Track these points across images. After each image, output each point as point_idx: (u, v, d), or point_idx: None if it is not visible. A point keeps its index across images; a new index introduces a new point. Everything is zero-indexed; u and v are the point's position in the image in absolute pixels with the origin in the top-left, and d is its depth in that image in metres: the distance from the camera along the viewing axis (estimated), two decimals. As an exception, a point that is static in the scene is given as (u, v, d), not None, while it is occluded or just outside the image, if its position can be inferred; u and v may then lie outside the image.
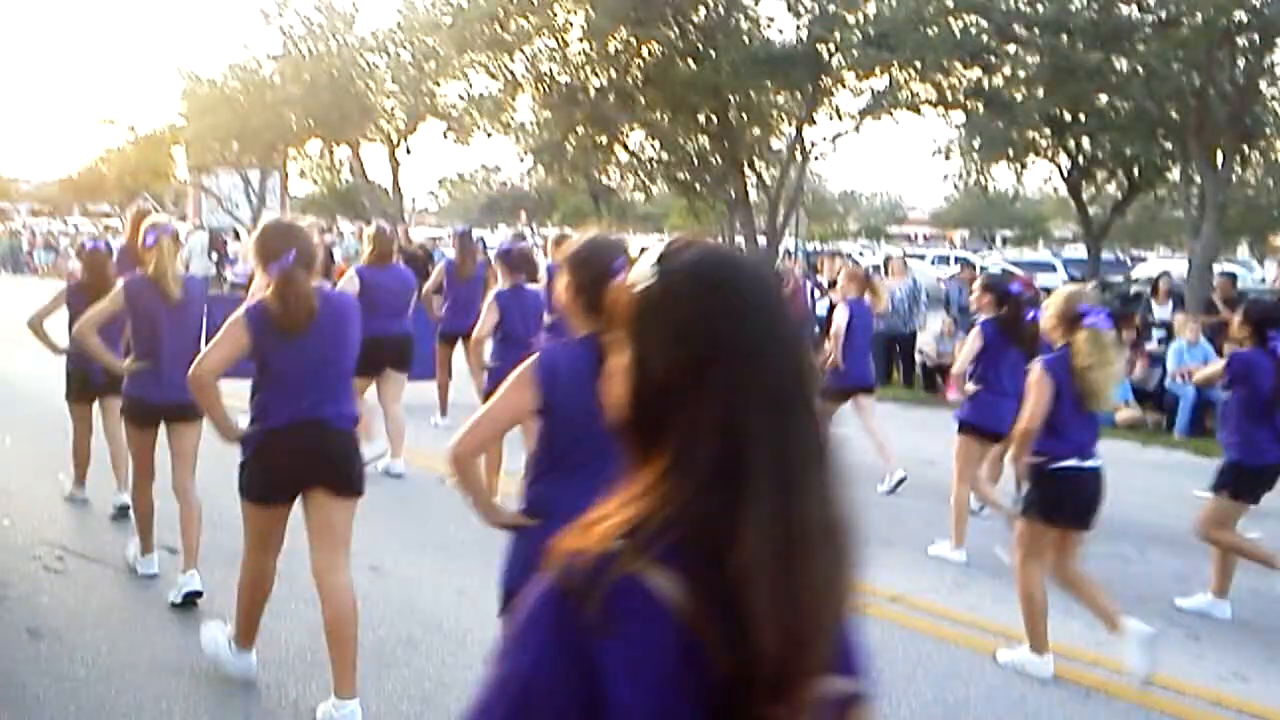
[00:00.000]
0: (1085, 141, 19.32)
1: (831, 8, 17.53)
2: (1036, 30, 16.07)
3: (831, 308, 9.78)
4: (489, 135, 33.29)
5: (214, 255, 26.63)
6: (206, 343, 4.54)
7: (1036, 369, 4.97)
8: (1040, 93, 16.72)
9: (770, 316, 1.23)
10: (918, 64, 16.97)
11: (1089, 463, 4.90)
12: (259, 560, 4.33)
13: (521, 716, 1.12)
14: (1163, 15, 14.84)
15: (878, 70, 18.13)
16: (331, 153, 39.95)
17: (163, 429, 5.57)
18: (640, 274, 1.24)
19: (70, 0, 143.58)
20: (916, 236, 70.13)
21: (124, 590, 5.67)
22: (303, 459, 4.09)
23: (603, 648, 1.09)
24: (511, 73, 22.18)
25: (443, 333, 9.73)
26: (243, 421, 4.24)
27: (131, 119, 40.24)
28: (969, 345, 6.79)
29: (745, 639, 1.10)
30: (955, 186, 25.15)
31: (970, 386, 6.68)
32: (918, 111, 19.44)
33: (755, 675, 1.11)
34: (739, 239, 21.39)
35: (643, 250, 1.33)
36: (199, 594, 5.33)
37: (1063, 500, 4.89)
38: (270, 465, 4.11)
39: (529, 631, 1.14)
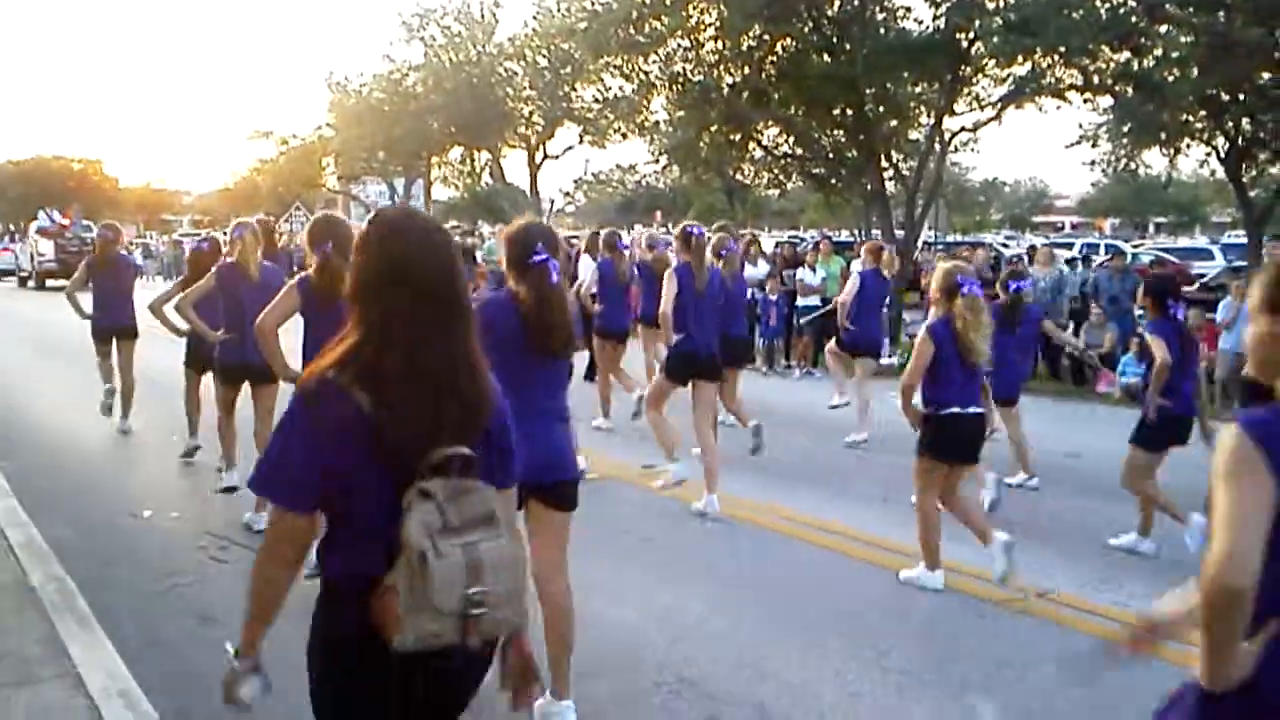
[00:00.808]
0: (1245, 122, 18.37)
1: (969, -6, 17.11)
2: (1190, 8, 15.39)
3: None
4: (624, 137, 33.65)
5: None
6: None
7: (920, 333, 5.94)
8: (1195, 73, 15.99)
9: (420, 254, 2.33)
10: (1062, 49, 16.42)
11: (970, 409, 5.85)
12: None
13: (281, 458, 2.27)
14: (1329, -15, 14.06)
15: (1020, 57, 17.61)
16: (472, 158, 40.95)
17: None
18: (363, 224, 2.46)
19: (224, 21, 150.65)
20: (1063, 225, 67.84)
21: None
22: None
23: (322, 418, 2.21)
24: (646, 74, 22.33)
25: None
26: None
27: (283, 131, 41.88)
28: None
29: (395, 422, 2.20)
30: (1103, 173, 24.23)
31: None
32: (1063, 98, 18.82)
33: (401, 443, 2.21)
34: (876, 233, 21.11)
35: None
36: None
37: (951, 441, 5.86)
38: None
39: (289, 417, 2.29)
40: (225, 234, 8.11)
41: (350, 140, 37.03)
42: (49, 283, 10.25)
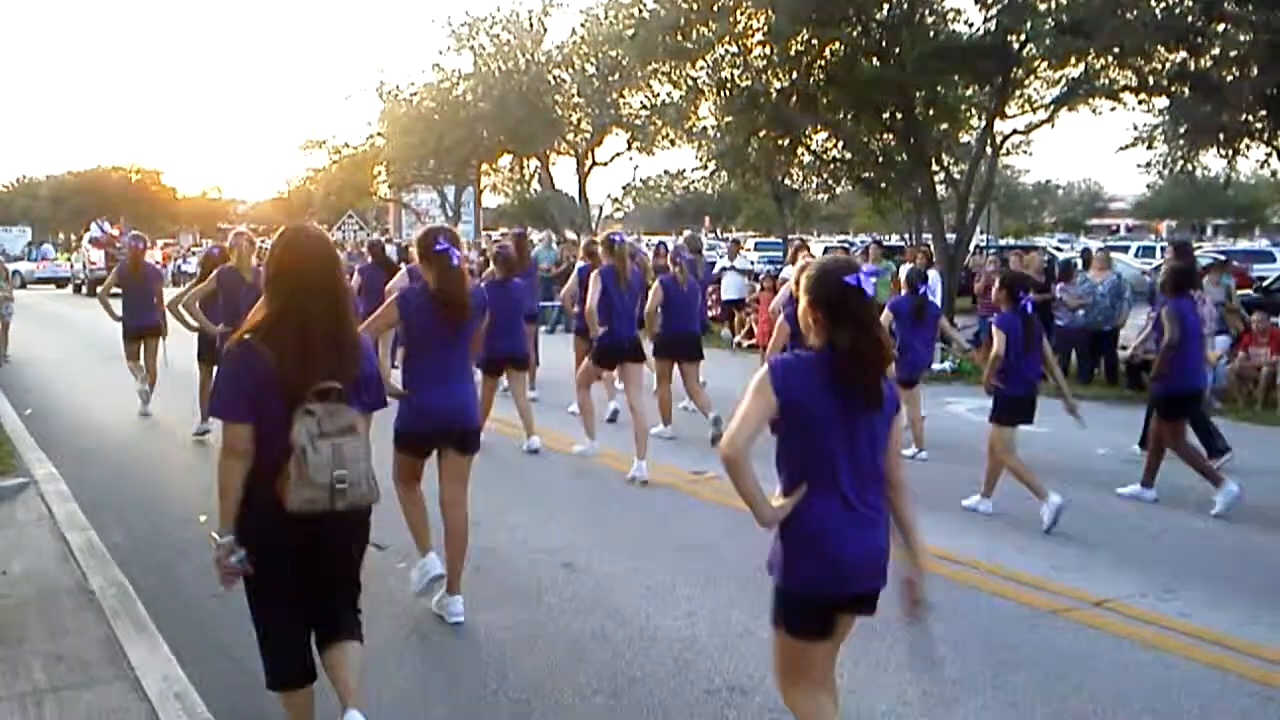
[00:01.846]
0: (1307, 121, 17.96)
1: (1021, -4, 16.90)
2: (1249, 6, 15.10)
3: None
4: (672, 143, 33.64)
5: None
6: None
7: (780, 318, 7.69)
8: (1254, 72, 15.67)
9: (305, 258, 3.53)
10: (1116, 49, 16.19)
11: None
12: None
13: (221, 392, 3.51)
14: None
15: (1072, 59, 17.38)
16: (522, 166, 41.13)
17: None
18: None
19: (279, 32, 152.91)
20: (1118, 228, 66.83)
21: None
22: None
23: (243, 366, 3.41)
24: (693, 80, 22.34)
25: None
26: None
27: (336, 141, 42.34)
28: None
29: (289, 370, 3.36)
30: (1159, 175, 23.81)
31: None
32: (1117, 99, 18.54)
33: (292, 382, 3.37)
34: (926, 236, 20.92)
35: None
36: None
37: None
38: None
39: (224, 365, 3.66)
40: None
41: (401, 149, 37.32)
42: (115, 290, 11.11)
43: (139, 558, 6.27)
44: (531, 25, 35.60)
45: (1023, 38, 17.44)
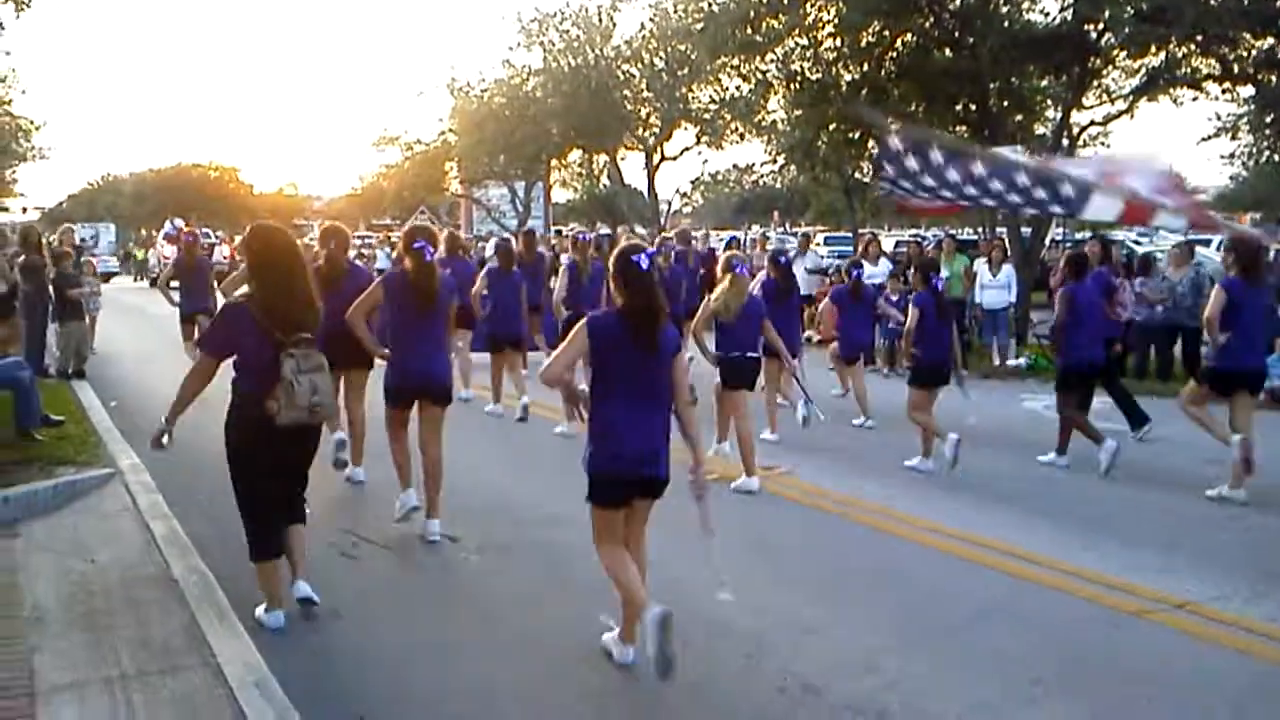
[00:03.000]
0: (1401, 109, 17.36)
1: (1099, -17, 16.50)
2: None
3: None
4: (742, 137, 33.49)
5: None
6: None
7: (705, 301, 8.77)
8: (1345, 59, 15.20)
9: (278, 247, 5.21)
10: (1199, 37, 15.76)
11: (749, 354, 8.44)
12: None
13: (212, 336, 5.46)
14: None
15: (1153, 47, 16.96)
16: (591, 161, 41.26)
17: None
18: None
19: (352, 31, 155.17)
20: (1200, 221, 64.88)
21: (408, 576, 6.15)
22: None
23: (234, 321, 5.12)
24: (763, 74, 22.20)
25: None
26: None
27: (408, 137, 42.78)
28: None
29: (271, 324, 4.95)
30: (1244, 166, 23.18)
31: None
32: (1200, 89, 18.06)
33: (275, 332, 4.94)
34: (1002, 230, 20.58)
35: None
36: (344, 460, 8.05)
37: (734, 375, 8.45)
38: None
39: (218, 318, 5.55)
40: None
41: (472, 145, 37.56)
42: (173, 283, 11.91)
43: (219, 547, 6.40)
44: (601, 20, 35.66)
45: (1101, 26, 17.07)
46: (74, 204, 76.71)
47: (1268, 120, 18.84)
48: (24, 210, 52.09)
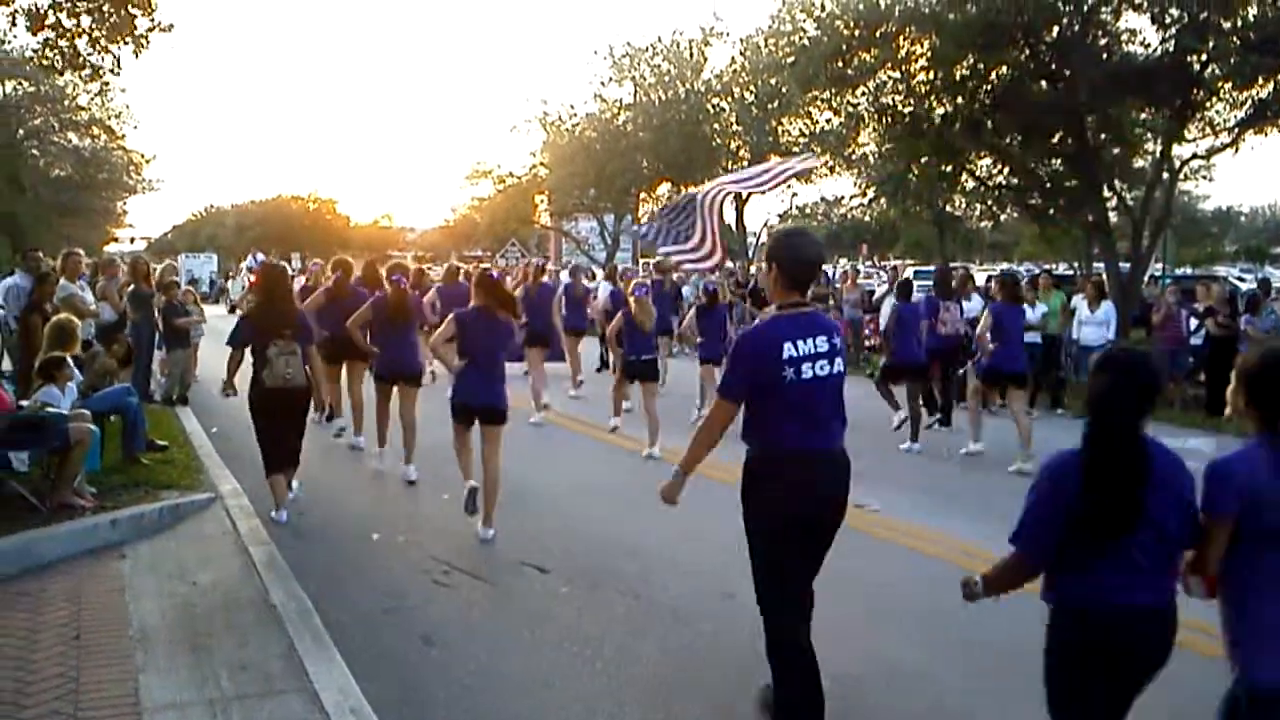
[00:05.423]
0: None
1: (1204, 15, 16.11)
2: None
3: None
4: (832, 170, 33.35)
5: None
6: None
7: (619, 315, 11.52)
8: None
9: (274, 277, 8.36)
10: (1310, 67, 15.30)
11: (645, 356, 11.05)
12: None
13: (235, 337, 7.96)
14: None
15: (1260, 79, 16.51)
16: (680, 194, 41.42)
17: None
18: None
19: (447, 66, 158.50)
20: (1309, 256, 62.78)
21: (499, 605, 6.18)
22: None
23: (247, 326, 8.04)
24: (854, 107, 22.11)
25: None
26: None
27: (500, 170, 43.47)
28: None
29: (263, 327, 7.82)
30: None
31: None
32: (1311, 119, 17.50)
33: (266, 331, 7.78)
34: (1099, 266, 20.13)
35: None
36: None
37: (636, 373, 11.17)
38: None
39: (238, 325, 8.16)
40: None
41: (563, 178, 38.07)
42: (239, 306, 12.66)
43: (316, 573, 6.54)
44: (692, 55, 35.94)
45: (1204, 58, 16.67)
46: (178, 234, 79.52)
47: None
48: (131, 240, 54.21)
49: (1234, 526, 3.04)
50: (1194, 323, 15.09)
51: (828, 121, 28.81)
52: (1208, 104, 18.23)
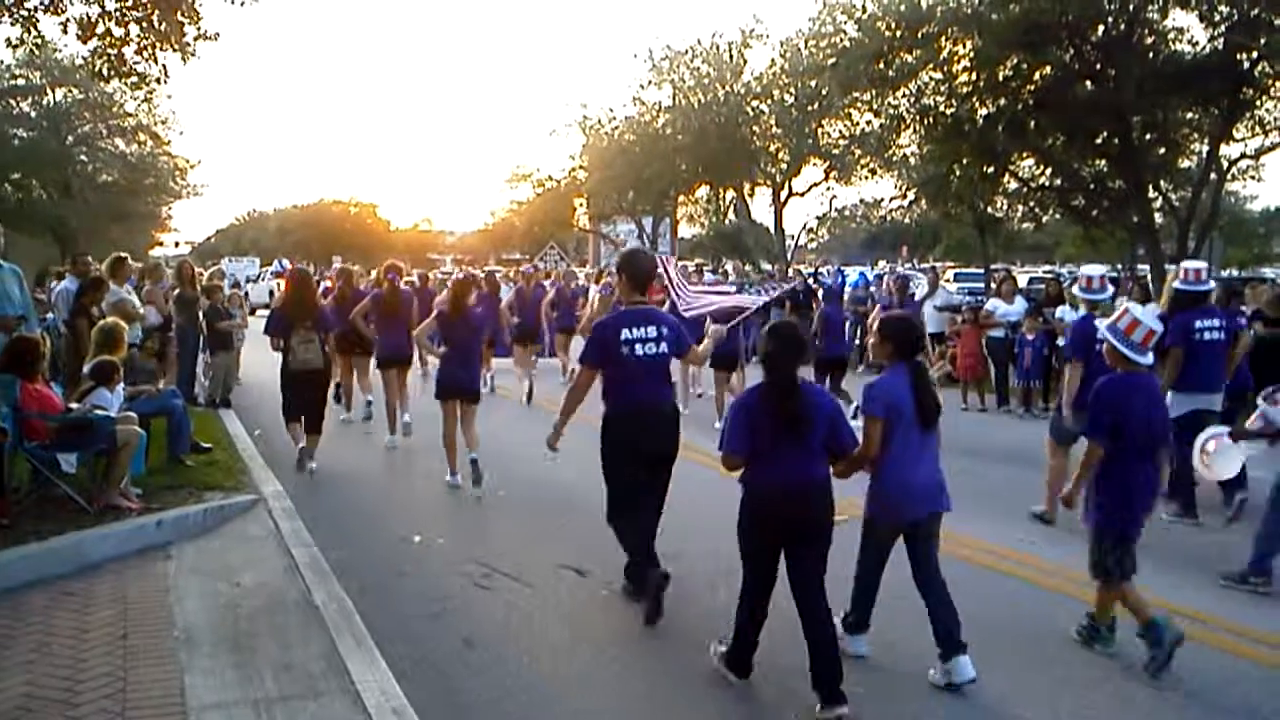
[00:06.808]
0: None
1: (1254, 11, 15.82)
2: None
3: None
4: (872, 173, 33.17)
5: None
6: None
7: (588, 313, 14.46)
8: None
9: (298, 279, 10.52)
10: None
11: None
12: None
13: (270, 327, 10.07)
14: None
15: (1313, 76, 16.25)
16: (719, 196, 41.38)
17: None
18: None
19: (487, 71, 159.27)
20: (1360, 257, 61.49)
21: (540, 608, 6.17)
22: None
23: (278, 318, 10.10)
24: (895, 108, 22.00)
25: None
26: None
27: (539, 174, 43.62)
28: None
29: (290, 317, 9.90)
30: None
31: None
32: (1365, 117, 17.20)
33: (292, 322, 9.85)
34: (1143, 268, 19.87)
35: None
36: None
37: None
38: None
39: (270, 314, 10.49)
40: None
41: (602, 181, 38.08)
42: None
43: (358, 574, 6.57)
44: (731, 57, 35.84)
45: (1254, 55, 16.40)
46: (222, 239, 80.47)
47: None
48: (175, 245, 54.93)
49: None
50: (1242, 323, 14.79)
51: (868, 123, 28.64)
52: (1257, 102, 17.96)
